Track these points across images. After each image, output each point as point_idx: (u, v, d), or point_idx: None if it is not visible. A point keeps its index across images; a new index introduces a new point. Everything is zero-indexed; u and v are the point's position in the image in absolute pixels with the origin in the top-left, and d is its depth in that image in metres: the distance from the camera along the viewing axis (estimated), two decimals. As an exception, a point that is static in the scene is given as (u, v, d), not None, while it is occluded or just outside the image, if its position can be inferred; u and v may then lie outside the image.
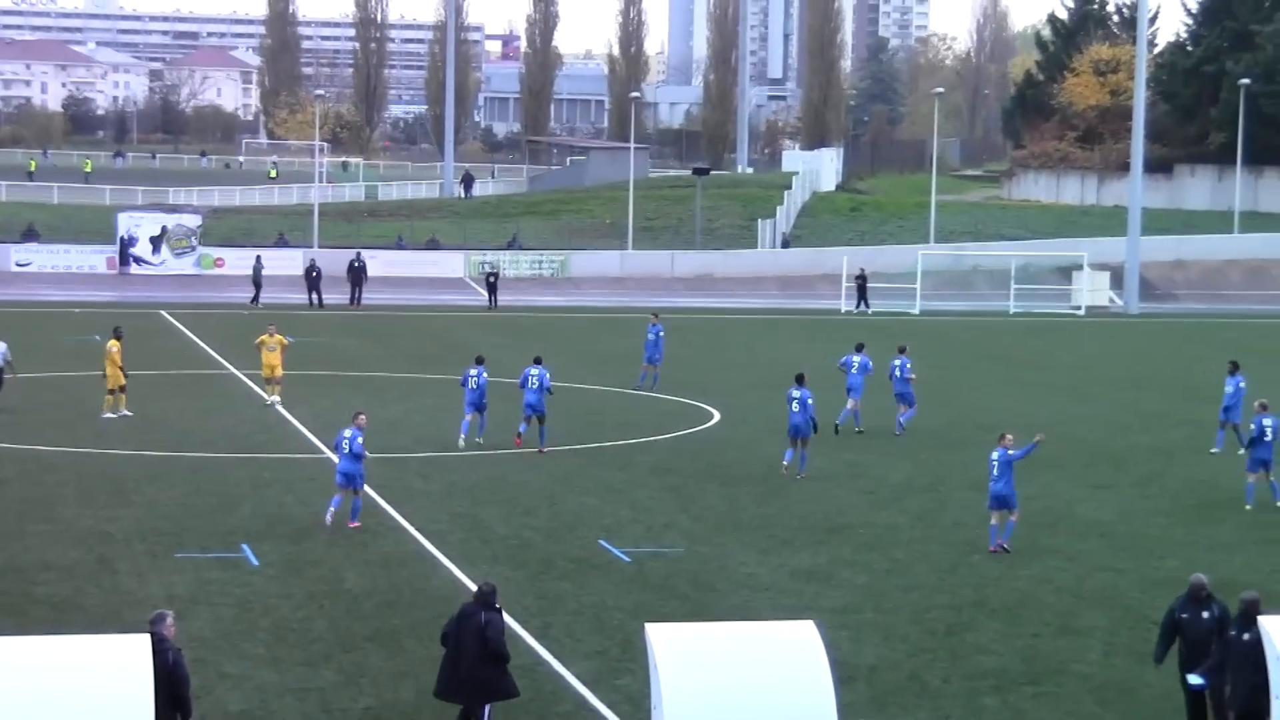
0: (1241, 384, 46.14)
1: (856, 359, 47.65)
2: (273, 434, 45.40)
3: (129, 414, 47.26)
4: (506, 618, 22.55)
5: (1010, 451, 33.23)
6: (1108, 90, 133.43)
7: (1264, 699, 20.58)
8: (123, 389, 47.68)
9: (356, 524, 34.96)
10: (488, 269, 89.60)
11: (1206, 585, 22.35)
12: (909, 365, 47.59)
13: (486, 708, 21.51)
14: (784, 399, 40.13)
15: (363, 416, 36.38)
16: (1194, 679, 21.92)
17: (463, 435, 43.25)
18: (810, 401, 39.95)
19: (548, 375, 43.70)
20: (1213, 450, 45.56)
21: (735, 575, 31.24)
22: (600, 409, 51.42)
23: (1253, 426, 38.74)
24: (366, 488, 37.61)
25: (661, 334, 56.04)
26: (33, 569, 30.54)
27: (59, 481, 38.48)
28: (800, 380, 40.37)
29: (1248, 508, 37.40)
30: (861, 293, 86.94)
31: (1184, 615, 22.19)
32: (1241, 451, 41.89)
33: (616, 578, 30.84)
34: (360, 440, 35.22)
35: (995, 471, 33.25)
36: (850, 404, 47.42)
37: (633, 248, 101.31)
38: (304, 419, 46.87)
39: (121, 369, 47.64)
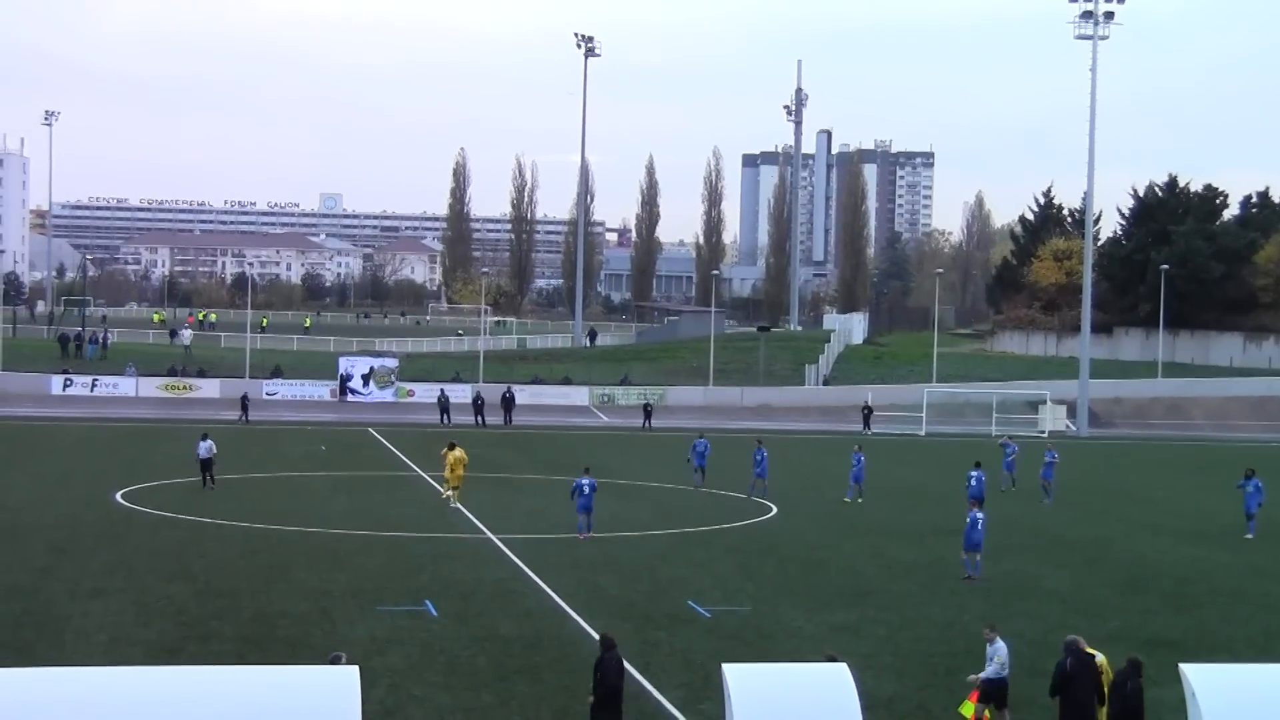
0: (1259, 485, 47.16)
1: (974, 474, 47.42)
2: (447, 520, 45.48)
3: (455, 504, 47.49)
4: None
5: (979, 514, 37.21)
6: (1064, 272, 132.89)
7: None
8: (455, 487, 47.91)
9: (586, 537, 41.16)
10: (645, 399, 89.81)
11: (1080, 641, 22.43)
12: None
13: None
14: (823, 498, 39.72)
15: (589, 471, 43.13)
16: None
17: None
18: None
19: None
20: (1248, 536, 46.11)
21: (788, 628, 30.99)
22: (688, 504, 51.31)
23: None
24: (515, 558, 37.61)
25: (765, 455, 54.06)
26: (274, 616, 30.66)
27: (293, 552, 38.68)
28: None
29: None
30: (866, 419, 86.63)
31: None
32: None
33: (700, 629, 30.65)
34: (594, 483, 42.39)
35: (980, 526, 36.93)
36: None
37: (713, 384, 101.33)
38: (470, 508, 46.90)
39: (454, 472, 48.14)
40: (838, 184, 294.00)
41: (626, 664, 26.73)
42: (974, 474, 47.22)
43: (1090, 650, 22.22)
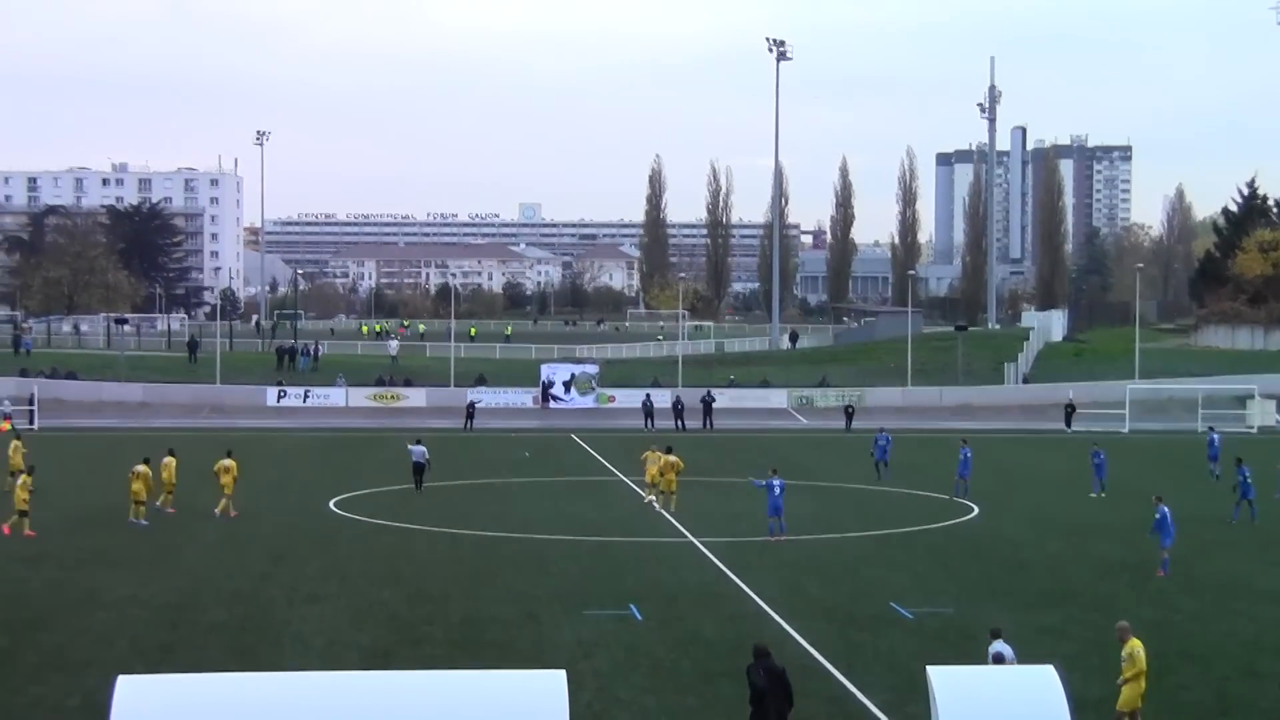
0: None
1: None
2: (649, 523, 45.61)
3: (659, 509, 47.47)
4: (819, 657, 22.23)
5: (1165, 508, 36.84)
6: (1270, 263, 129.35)
7: None
8: (664, 491, 47.90)
9: (780, 539, 40.85)
10: (845, 401, 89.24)
11: None
12: None
13: None
14: (1026, 498, 38.92)
15: (776, 472, 42.64)
16: None
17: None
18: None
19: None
20: None
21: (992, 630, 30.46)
22: (889, 505, 50.84)
23: None
24: (717, 561, 37.58)
25: (970, 454, 53.21)
26: (482, 620, 31.02)
27: (499, 557, 39.09)
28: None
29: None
30: (1068, 417, 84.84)
31: None
32: None
33: (903, 630, 30.34)
34: (783, 484, 42.10)
35: (1168, 522, 36.63)
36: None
37: (911, 384, 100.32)
38: (672, 512, 46.88)
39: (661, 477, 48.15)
40: (1034, 180, 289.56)
41: (831, 666, 26.59)
42: (1243, 470, 47.02)
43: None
